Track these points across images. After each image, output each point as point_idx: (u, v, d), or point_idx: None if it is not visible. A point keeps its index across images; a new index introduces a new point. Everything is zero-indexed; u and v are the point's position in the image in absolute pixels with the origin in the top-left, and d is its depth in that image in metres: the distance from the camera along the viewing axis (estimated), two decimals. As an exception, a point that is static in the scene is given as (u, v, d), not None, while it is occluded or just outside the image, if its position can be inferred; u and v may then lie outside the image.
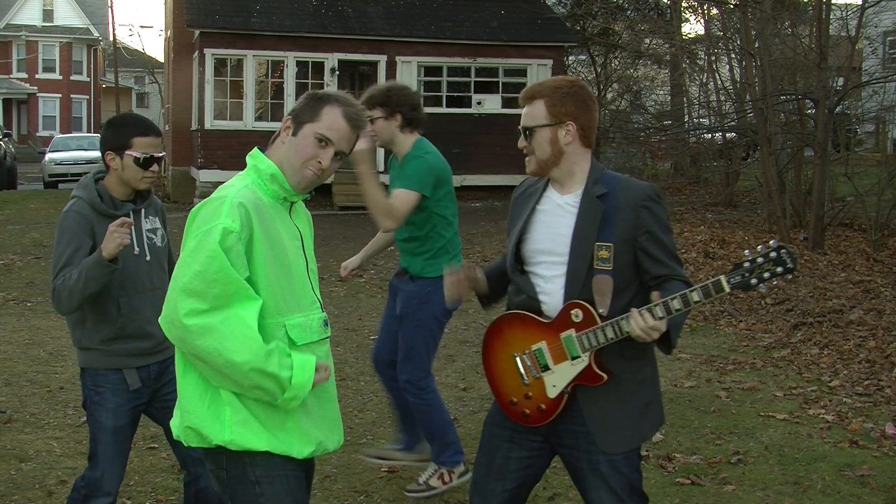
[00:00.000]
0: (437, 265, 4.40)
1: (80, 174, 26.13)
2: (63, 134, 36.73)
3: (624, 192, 2.78)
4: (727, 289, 2.62)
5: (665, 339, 2.72)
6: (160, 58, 44.54)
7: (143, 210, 3.55)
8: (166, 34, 27.00)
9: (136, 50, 53.16)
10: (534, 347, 2.82)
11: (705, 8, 19.59)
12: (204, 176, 19.27)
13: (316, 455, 2.64)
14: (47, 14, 47.56)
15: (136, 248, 3.48)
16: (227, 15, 19.74)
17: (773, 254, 2.60)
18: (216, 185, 14.82)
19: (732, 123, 16.75)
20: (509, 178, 20.49)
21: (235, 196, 2.50)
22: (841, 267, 11.31)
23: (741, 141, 17.67)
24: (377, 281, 11.66)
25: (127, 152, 3.42)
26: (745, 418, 6.17)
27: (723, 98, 17.97)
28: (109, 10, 41.20)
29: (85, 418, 5.83)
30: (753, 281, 2.60)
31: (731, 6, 16.60)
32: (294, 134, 2.59)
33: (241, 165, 2.74)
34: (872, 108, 17.36)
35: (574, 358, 2.75)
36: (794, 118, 15.13)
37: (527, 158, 2.86)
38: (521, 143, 2.84)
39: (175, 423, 2.67)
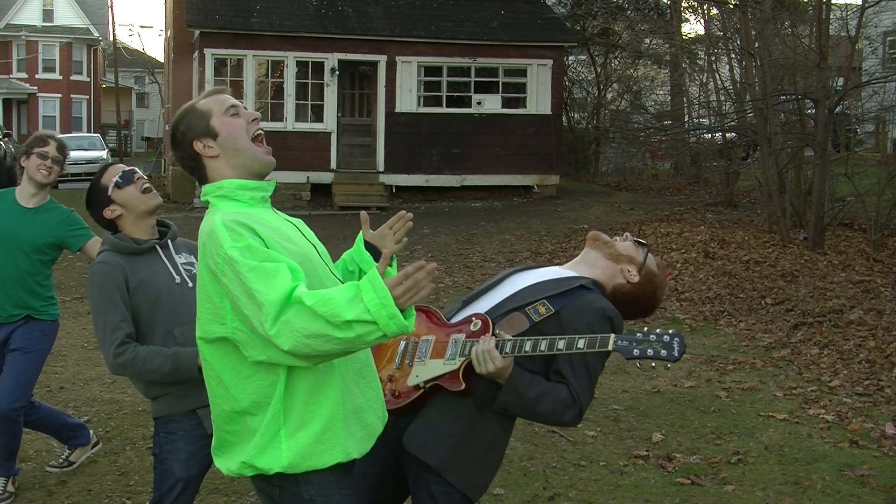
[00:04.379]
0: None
1: (79, 174, 26.18)
2: (63, 134, 36.71)
3: (593, 296, 2.85)
4: (610, 347, 2.61)
5: (502, 389, 2.73)
6: (160, 58, 44.59)
7: (169, 243, 3.47)
8: (166, 34, 27.00)
9: (136, 50, 53.19)
10: (422, 338, 2.87)
11: (705, 8, 19.59)
12: (204, 176, 19.27)
13: (369, 447, 2.54)
14: (47, 14, 47.51)
15: (177, 278, 3.39)
16: (227, 15, 19.74)
17: (666, 337, 2.59)
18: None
19: (732, 123, 16.75)
20: (509, 177, 20.49)
21: (222, 219, 2.35)
22: (841, 267, 11.31)
23: (741, 141, 17.66)
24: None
25: (109, 192, 3.39)
26: (745, 418, 6.17)
27: (723, 98, 17.98)
28: (109, 10, 41.17)
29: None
30: (636, 351, 2.58)
31: (731, 6, 16.59)
32: (215, 137, 2.48)
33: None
34: (872, 108, 17.37)
35: (450, 360, 2.77)
36: (794, 118, 15.13)
37: (619, 237, 3.06)
38: (630, 239, 3.03)
39: (221, 460, 2.52)
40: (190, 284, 3.41)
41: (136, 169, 3.51)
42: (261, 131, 2.52)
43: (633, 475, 5.15)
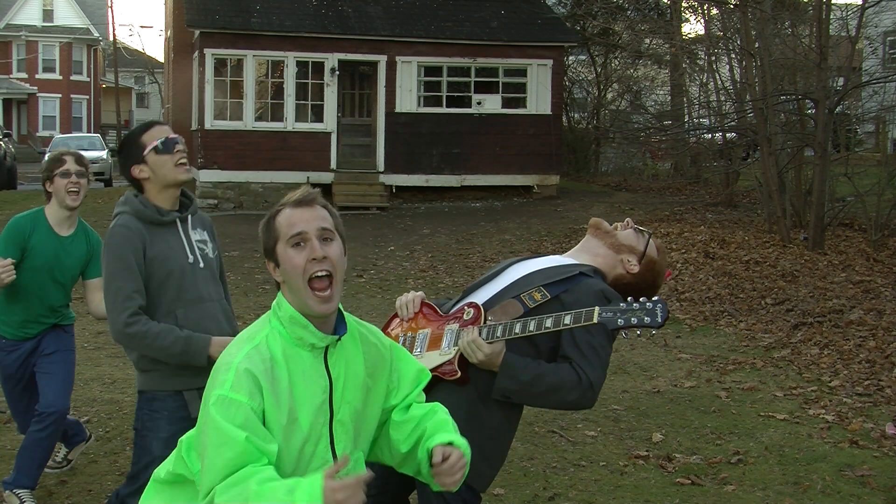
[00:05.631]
0: None
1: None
2: (63, 134, 36.72)
3: (593, 281, 2.88)
4: (596, 319, 2.61)
5: (497, 376, 2.74)
6: (160, 58, 44.59)
7: (188, 218, 3.42)
8: (166, 34, 27.01)
9: (136, 50, 53.25)
10: (419, 332, 2.90)
11: (705, 8, 19.59)
12: (204, 176, 19.26)
13: None
14: (47, 14, 47.55)
15: (190, 257, 3.36)
16: (227, 15, 19.73)
17: (649, 304, 2.60)
18: (216, 184, 14.90)
19: (732, 123, 16.75)
20: (509, 178, 20.49)
21: (242, 361, 2.20)
22: (841, 267, 11.31)
23: (741, 141, 17.67)
24: (377, 281, 11.66)
25: (145, 153, 3.32)
26: (745, 418, 6.17)
27: (723, 98, 17.98)
28: (109, 10, 41.22)
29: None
30: (620, 321, 2.59)
31: (731, 6, 16.60)
32: (279, 266, 2.29)
33: (241, 165, 2.69)
34: (872, 108, 17.36)
35: (445, 350, 2.80)
36: (794, 118, 15.13)
37: (624, 224, 3.09)
38: (631, 226, 3.07)
39: None
40: (201, 265, 3.39)
41: (180, 139, 3.42)
42: (322, 273, 2.25)
43: (633, 475, 5.14)
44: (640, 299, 2.62)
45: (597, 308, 2.62)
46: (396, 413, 2.48)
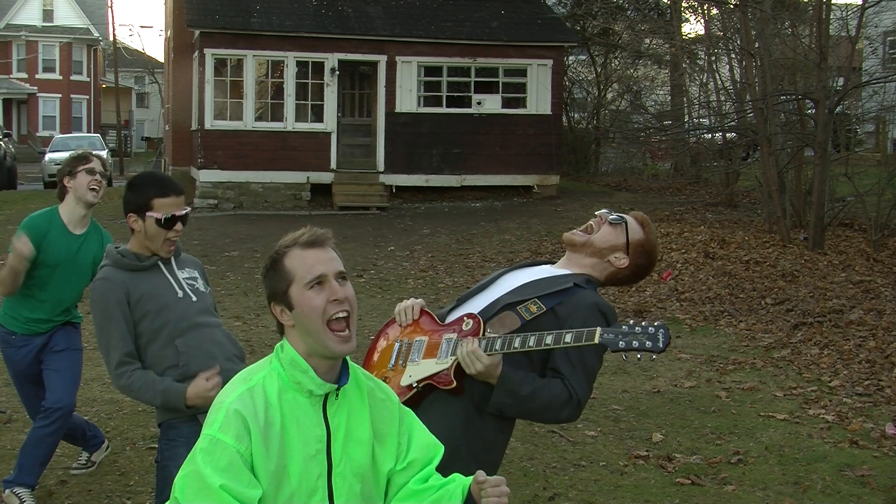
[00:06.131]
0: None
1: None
2: (63, 134, 36.72)
3: (587, 293, 2.87)
4: (597, 340, 2.60)
5: (494, 390, 2.75)
6: (160, 58, 44.59)
7: (172, 260, 3.49)
8: (166, 34, 27.01)
9: (136, 50, 53.23)
10: (416, 339, 2.91)
11: (705, 8, 19.60)
12: (204, 176, 19.26)
13: None
14: (47, 14, 47.56)
15: (180, 293, 3.43)
16: (227, 15, 19.73)
17: (651, 329, 2.60)
18: (216, 184, 14.86)
19: (732, 123, 16.75)
20: (509, 178, 20.49)
21: (234, 402, 2.19)
22: (841, 267, 11.31)
23: (741, 141, 17.67)
24: (377, 281, 11.66)
25: (148, 214, 3.37)
26: (745, 418, 6.17)
27: (723, 98, 17.98)
28: (109, 10, 41.20)
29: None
30: (621, 344, 2.59)
31: (731, 6, 16.60)
32: (291, 309, 2.23)
33: (241, 165, 2.69)
34: (872, 108, 17.37)
35: (441, 359, 2.80)
36: (794, 118, 15.13)
37: (585, 229, 3.00)
38: (605, 221, 2.98)
39: None
40: (194, 299, 3.46)
41: (186, 217, 3.46)
42: (343, 314, 2.22)
43: (633, 475, 5.15)
44: (643, 323, 2.62)
45: (598, 328, 2.62)
46: (415, 482, 2.39)
